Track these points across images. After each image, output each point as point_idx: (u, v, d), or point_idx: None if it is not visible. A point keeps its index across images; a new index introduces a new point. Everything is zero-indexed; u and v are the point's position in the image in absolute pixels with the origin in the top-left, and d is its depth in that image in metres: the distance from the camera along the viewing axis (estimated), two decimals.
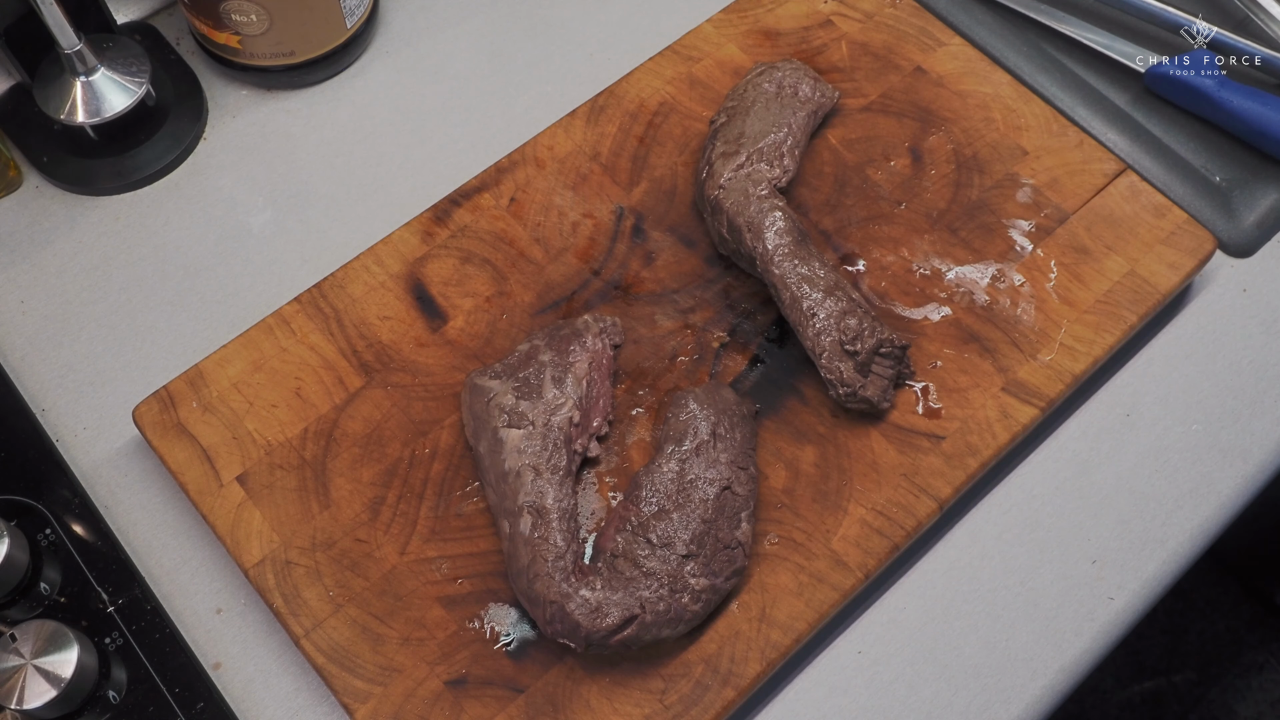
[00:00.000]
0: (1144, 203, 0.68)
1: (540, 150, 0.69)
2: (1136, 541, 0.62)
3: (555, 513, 0.55)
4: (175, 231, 0.70)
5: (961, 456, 0.60)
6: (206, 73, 0.75)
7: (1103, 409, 0.66)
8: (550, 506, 0.55)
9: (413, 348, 0.63)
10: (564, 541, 0.54)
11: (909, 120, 0.71)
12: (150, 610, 0.58)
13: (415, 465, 0.60)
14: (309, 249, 0.70)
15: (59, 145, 0.71)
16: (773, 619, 0.56)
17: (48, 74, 0.69)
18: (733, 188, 0.64)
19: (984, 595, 0.60)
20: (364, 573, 0.57)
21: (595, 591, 0.53)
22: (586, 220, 0.67)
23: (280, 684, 0.58)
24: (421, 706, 0.54)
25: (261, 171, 0.73)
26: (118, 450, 0.63)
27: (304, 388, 0.62)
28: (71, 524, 0.60)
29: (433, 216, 0.67)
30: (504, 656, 0.55)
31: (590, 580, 0.53)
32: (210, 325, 0.67)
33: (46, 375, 0.66)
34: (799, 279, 0.61)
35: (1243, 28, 0.76)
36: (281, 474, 0.59)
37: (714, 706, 0.54)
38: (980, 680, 0.58)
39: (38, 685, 0.52)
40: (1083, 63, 0.77)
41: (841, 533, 0.58)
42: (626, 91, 0.72)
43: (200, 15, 0.70)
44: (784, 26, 0.74)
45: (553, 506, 0.55)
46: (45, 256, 0.69)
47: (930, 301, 0.65)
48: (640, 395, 0.62)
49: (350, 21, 0.73)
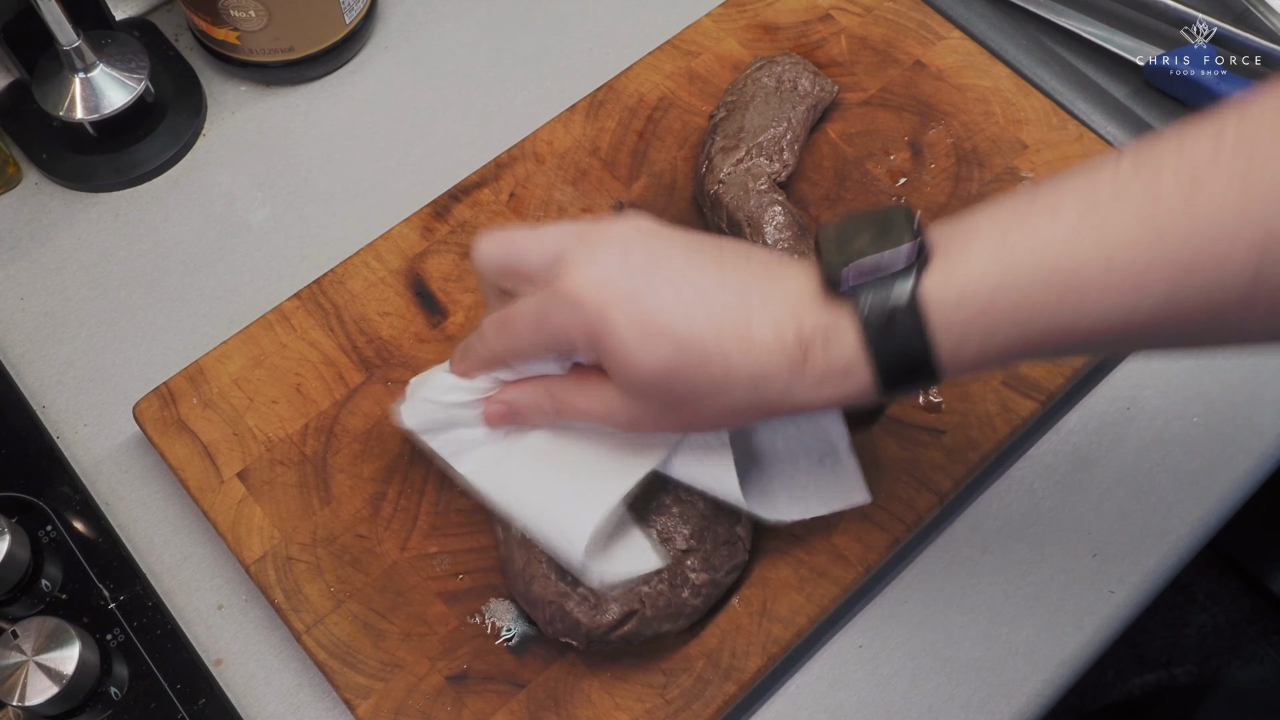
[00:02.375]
0: None
1: (540, 145, 0.69)
2: (1137, 535, 0.62)
3: None
4: (175, 228, 0.70)
5: (962, 450, 0.60)
6: (205, 69, 0.75)
7: (1103, 402, 0.66)
8: None
9: (413, 343, 0.63)
10: None
11: (908, 114, 0.71)
12: (151, 606, 0.58)
13: (415, 461, 0.60)
14: (308, 245, 0.70)
15: (58, 142, 0.71)
16: (773, 613, 0.56)
17: (46, 70, 0.69)
18: (732, 182, 0.64)
19: (984, 589, 0.60)
20: (365, 568, 0.57)
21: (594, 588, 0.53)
22: (586, 215, 0.67)
23: (282, 680, 0.58)
24: (423, 702, 0.54)
25: (261, 167, 0.72)
26: (118, 447, 0.63)
27: (304, 384, 0.62)
28: (72, 521, 0.60)
29: (432, 212, 0.67)
30: (505, 651, 0.55)
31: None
32: (210, 321, 0.67)
33: (46, 372, 0.66)
34: None
35: (1242, 20, 0.76)
36: (282, 470, 0.59)
37: (715, 701, 0.54)
38: (981, 674, 0.58)
39: (39, 682, 0.52)
40: (1083, 56, 0.77)
41: (842, 527, 0.58)
42: (626, 86, 0.72)
43: (199, 11, 0.70)
44: (783, 21, 0.74)
45: None
46: (45, 253, 0.69)
47: None
48: None
49: (349, 17, 0.73)
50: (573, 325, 0.45)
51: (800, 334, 0.42)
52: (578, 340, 0.45)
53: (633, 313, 0.43)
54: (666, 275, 0.44)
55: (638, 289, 0.44)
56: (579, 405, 0.49)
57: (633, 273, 0.44)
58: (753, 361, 0.43)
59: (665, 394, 0.44)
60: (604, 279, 0.44)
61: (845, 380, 0.43)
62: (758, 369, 0.43)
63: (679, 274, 0.44)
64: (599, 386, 0.48)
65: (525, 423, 0.52)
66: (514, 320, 0.48)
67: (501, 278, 0.49)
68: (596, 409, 0.48)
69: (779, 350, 0.42)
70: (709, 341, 0.43)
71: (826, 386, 0.43)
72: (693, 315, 0.43)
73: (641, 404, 0.46)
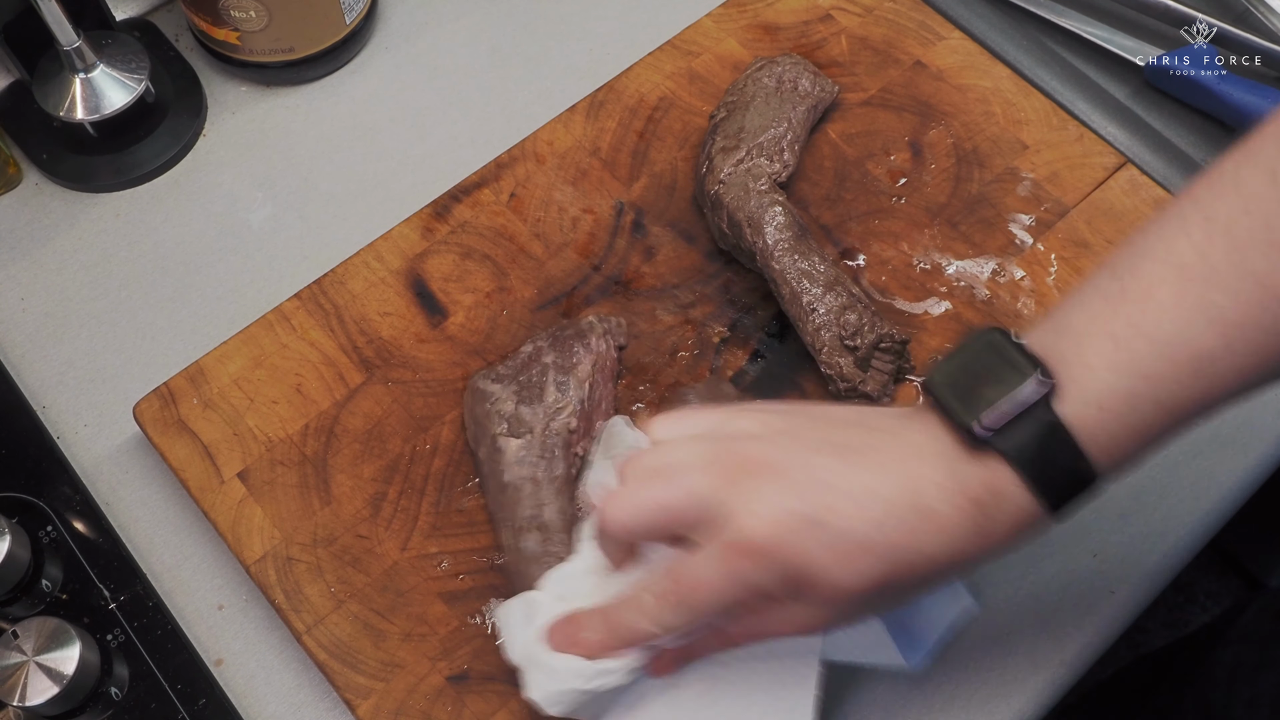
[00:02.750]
0: (1144, 196, 0.68)
1: (540, 145, 0.69)
2: (1137, 535, 0.62)
3: (558, 526, 0.54)
4: (175, 228, 0.70)
5: None
6: (206, 69, 0.75)
7: None
8: (551, 521, 0.54)
9: (413, 343, 0.63)
10: (567, 553, 0.54)
11: (909, 114, 0.71)
12: (152, 607, 0.58)
13: (416, 461, 0.60)
14: (309, 245, 0.70)
15: (58, 142, 0.71)
16: None
17: (47, 71, 0.69)
18: (733, 182, 0.64)
19: (985, 589, 0.60)
20: (365, 569, 0.57)
21: None
22: (586, 215, 0.67)
23: (282, 680, 0.58)
24: (423, 702, 0.54)
25: (261, 168, 0.72)
26: (118, 447, 0.63)
27: (305, 384, 0.62)
28: (73, 521, 0.60)
29: (433, 212, 0.67)
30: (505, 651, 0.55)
31: None
32: (210, 321, 0.67)
33: (47, 372, 0.66)
34: (799, 274, 0.61)
35: (1242, 20, 0.76)
36: (282, 470, 0.59)
37: None
38: (981, 674, 0.58)
39: (40, 682, 0.52)
40: (1083, 56, 0.77)
41: None
42: (626, 86, 0.72)
43: (199, 12, 0.70)
44: (784, 21, 0.74)
45: (553, 520, 0.54)
46: (45, 253, 0.69)
47: (931, 296, 0.65)
48: (641, 390, 0.62)
49: (349, 17, 0.73)
50: (765, 575, 0.42)
51: (968, 497, 0.42)
52: (774, 587, 0.43)
53: (824, 540, 0.41)
54: (828, 484, 0.42)
55: (816, 514, 0.42)
56: (768, 630, 0.46)
57: (800, 495, 0.42)
58: (946, 540, 0.42)
59: (874, 599, 0.43)
60: (776, 516, 0.42)
61: (1019, 522, 0.42)
62: (950, 545, 0.42)
63: (838, 477, 0.42)
64: (783, 608, 0.44)
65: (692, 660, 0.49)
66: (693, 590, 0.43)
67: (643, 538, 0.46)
68: (788, 628, 0.45)
69: (960, 521, 0.42)
70: (903, 539, 0.42)
71: (1004, 533, 0.42)
72: (878, 519, 0.41)
73: (845, 612, 0.44)
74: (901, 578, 0.42)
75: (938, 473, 0.42)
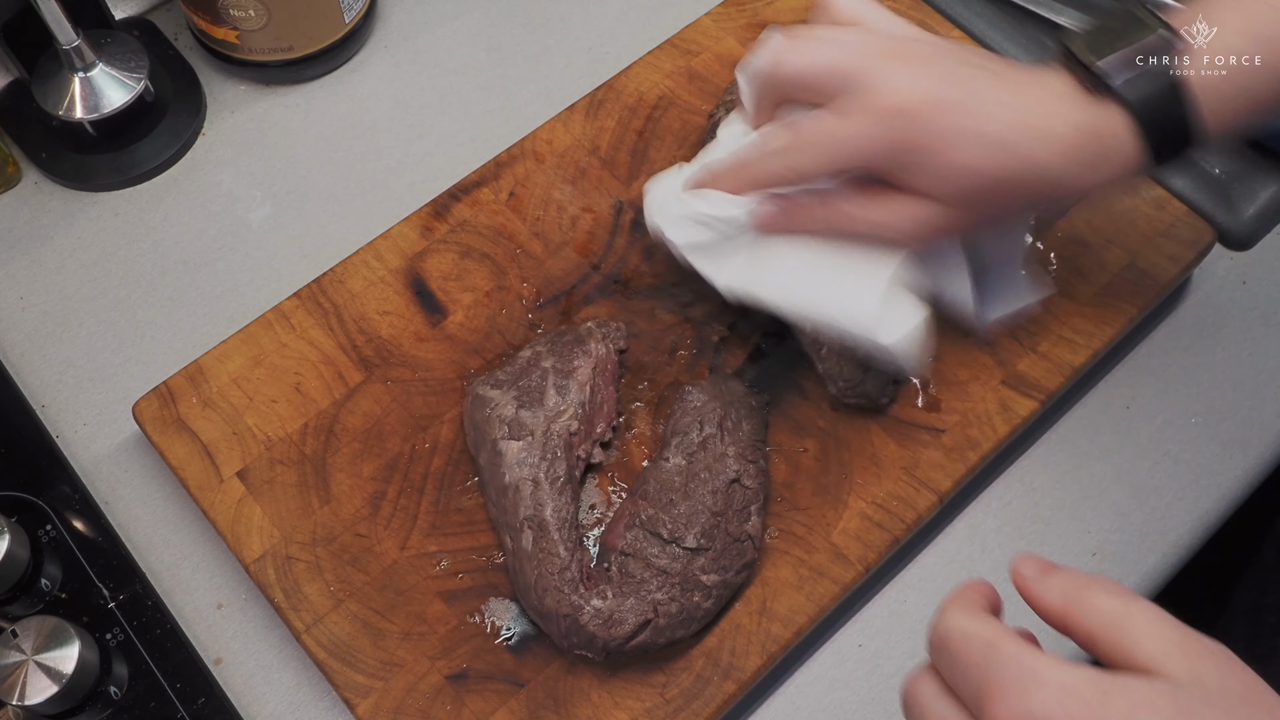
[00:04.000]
0: (1143, 195, 0.68)
1: (539, 144, 0.69)
2: (1137, 534, 0.62)
3: (555, 524, 0.54)
4: (174, 227, 0.70)
5: (961, 449, 0.60)
6: (205, 68, 0.75)
7: (1102, 401, 0.66)
8: (550, 519, 0.54)
9: (412, 342, 0.63)
10: (567, 552, 0.54)
11: None
12: (151, 606, 0.58)
13: (415, 460, 0.60)
14: (308, 244, 0.70)
15: (57, 141, 0.71)
16: (773, 612, 0.56)
17: (46, 70, 0.69)
18: None
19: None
20: (364, 568, 0.57)
21: (606, 600, 0.53)
22: (586, 214, 0.67)
23: (281, 679, 0.58)
24: (423, 701, 0.54)
25: (260, 167, 0.72)
26: (118, 446, 0.63)
27: (304, 383, 0.62)
28: (72, 520, 0.60)
29: (432, 211, 0.67)
30: (505, 651, 0.55)
31: (600, 589, 0.53)
32: (210, 321, 0.67)
33: (46, 371, 0.66)
34: None
35: None
36: (282, 469, 0.59)
37: (715, 700, 0.54)
38: None
39: (39, 681, 0.52)
40: None
41: (842, 526, 0.58)
42: (625, 85, 0.72)
43: (198, 10, 0.70)
44: (783, 20, 0.74)
45: (552, 519, 0.54)
46: (44, 252, 0.69)
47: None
48: (640, 389, 0.62)
49: (348, 16, 0.73)
50: (890, 138, 0.47)
51: (1086, 131, 0.47)
52: (885, 155, 0.48)
53: (963, 122, 0.47)
54: (969, 86, 0.47)
55: (962, 100, 0.47)
56: (869, 216, 0.51)
57: (953, 84, 0.47)
58: (1060, 164, 0.48)
59: (987, 196, 0.48)
60: (927, 92, 0.47)
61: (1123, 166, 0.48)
62: (1062, 169, 0.48)
63: (979, 85, 0.47)
64: (891, 197, 0.50)
65: (794, 229, 0.53)
66: (813, 137, 0.49)
67: (789, 91, 0.51)
68: (888, 218, 0.50)
69: (1075, 149, 0.47)
70: (1026, 149, 0.47)
71: (1108, 172, 0.48)
72: (1007, 122, 0.47)
73: (951, 211, 0.49)
74: (1013, 186, 0.48)
75: (1064, 107, 0.48)
